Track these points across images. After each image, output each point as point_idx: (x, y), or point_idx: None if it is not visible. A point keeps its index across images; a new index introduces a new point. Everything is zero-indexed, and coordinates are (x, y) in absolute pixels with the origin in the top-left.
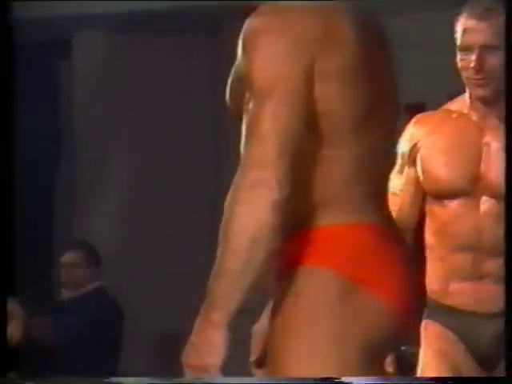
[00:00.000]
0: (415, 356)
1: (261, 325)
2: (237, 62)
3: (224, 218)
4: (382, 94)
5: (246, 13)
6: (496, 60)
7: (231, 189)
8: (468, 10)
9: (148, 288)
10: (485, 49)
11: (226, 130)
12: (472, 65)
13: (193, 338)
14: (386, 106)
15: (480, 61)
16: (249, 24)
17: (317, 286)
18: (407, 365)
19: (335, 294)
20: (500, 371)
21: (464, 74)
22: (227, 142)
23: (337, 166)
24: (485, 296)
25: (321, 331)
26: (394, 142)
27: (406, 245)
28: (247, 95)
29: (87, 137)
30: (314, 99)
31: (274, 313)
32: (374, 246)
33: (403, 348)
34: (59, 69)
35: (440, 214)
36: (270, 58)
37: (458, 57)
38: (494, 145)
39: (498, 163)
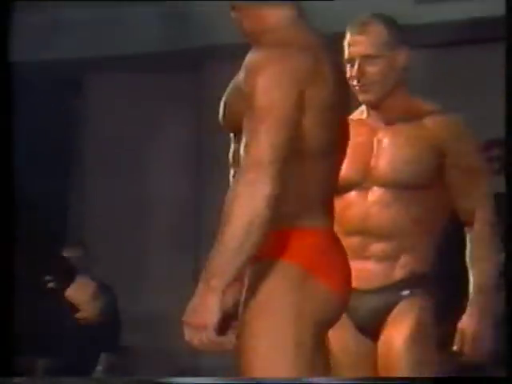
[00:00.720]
0: None
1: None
2: (232, 86)
3: (225, 206)
4: (344, 122)
5: (230, 53)
6: (375, 68)
7: (233, 184)
8: (349, 27)
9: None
10: (364, 59)
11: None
12: (353, 74)
13: (193, 300)
14: (344, 132)
15: (360, 70)
16: (252, 56)
17: (282, 274)
18: None
19: (295, 280)
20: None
21: (351, 83)
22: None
23: (309, 177)
24: (367, 274)
25: (282, 308)
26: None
27: (341, 243)
28: (247, 113)
29: (94, 155)
30: (301, 120)
31: (247, 292)
32: (325, 246)
33: None
34: (71, 106)
35: (337, 204)
36: (269, 84)
37: (347, 69)
38: (385, 141)
39: (387, 157)
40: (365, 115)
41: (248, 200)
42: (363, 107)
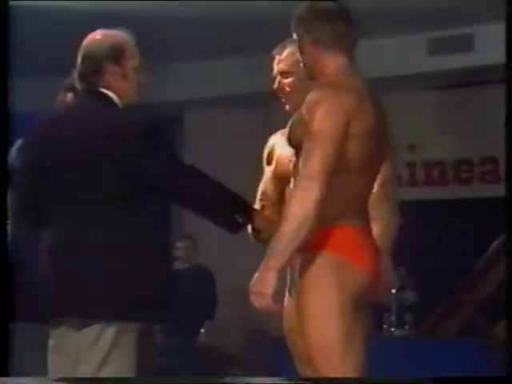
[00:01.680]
0: None
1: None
2: (296, 115)
3: (286, 205)
4: (380, 147)
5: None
6: (290, 82)
7: (292, 189)
8: (275, 49)
9: None
10: (282, 74)
11: None
12: (275, 87)
13: (257, 275)
14: (379, 154)
15: (278, 84)
16: (312, 94)
17: (326, 262)
18: None
19: (336, 266)
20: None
21: (281, 93)
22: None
23: (349, 187)
24: None
25: (327, 286)
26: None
27: (373, 238)
28: (306, 136)
29: None
30: (346, 144)
31: (301, 274)
32: (359, 240)
33: None
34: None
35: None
36: (323, 116)
37: (277, 80)
38: None
39: None
40: None
41: (301, 202)
42: None
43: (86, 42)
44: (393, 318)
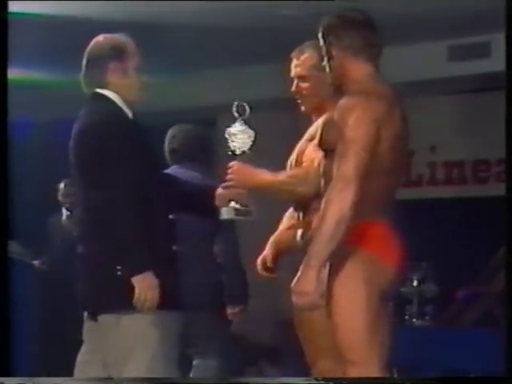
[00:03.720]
0: None
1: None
2: (329, 121)
3: (322, 207)
4: (405, 148)
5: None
6: (307, 86)
7: (328, 191)
8: (293, 52)
9: None
10: (299, 78)
11: None
12: (293, 89)
13: (299, 274)
14: (405, 155)
15: (296, 87)
16: (344, 101)
17: (355, 258)
18: None
19: (364, 262)
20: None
21: (298, 95)
22: None
23: (373, 188)
24: None
25: (356, 280)
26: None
27: (398, 234)
28: (339, 141)
29: None
30: (377, 148)
31: (332, 269)
32: (386, 236)
33: None
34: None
35: None
36: (355, 123)
37: (294, 83)
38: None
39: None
40: None
41: (338, 204)
42: None
43: (89, 45)
44: (414, 310)
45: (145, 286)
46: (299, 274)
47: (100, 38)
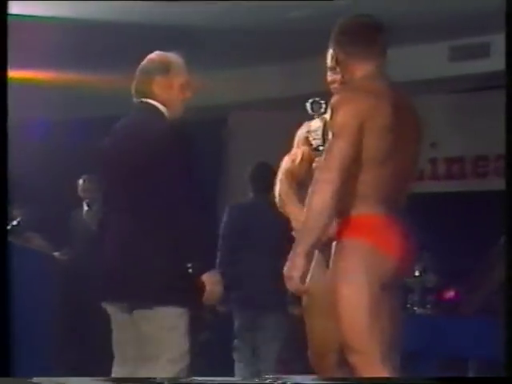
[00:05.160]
0: None
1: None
2: (325, 116)
3: (307, 198)
4: (403, 141)
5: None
6: (338, 78)
7: (312, 182)
8: (331, 44)
9: None
10: (331, 70)
11: None
12: (328, 80)
13: (287, 262)
14: (406, 148)
15: (330, 77)
16: (335, 98)
17: (355, 249)
18: None
19: (364, 252)
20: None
21: (332, 86)
22: None
23: (368, 180)
24: None
25: (357, 270)
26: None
27: (400, 225)
28: (329, 134)
29: None
30: (361, 141)
31: (334, 260)
32: (386, 228)
33: None
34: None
35: None
36: (342, 118)
37: (328, 74)
38: None
39: None
40: None
41: (321, 194)
42: None
43: (143, 61)
44: (416, 299)
45: (214, 281)
46: (288, 260)
47: (153, 55)
